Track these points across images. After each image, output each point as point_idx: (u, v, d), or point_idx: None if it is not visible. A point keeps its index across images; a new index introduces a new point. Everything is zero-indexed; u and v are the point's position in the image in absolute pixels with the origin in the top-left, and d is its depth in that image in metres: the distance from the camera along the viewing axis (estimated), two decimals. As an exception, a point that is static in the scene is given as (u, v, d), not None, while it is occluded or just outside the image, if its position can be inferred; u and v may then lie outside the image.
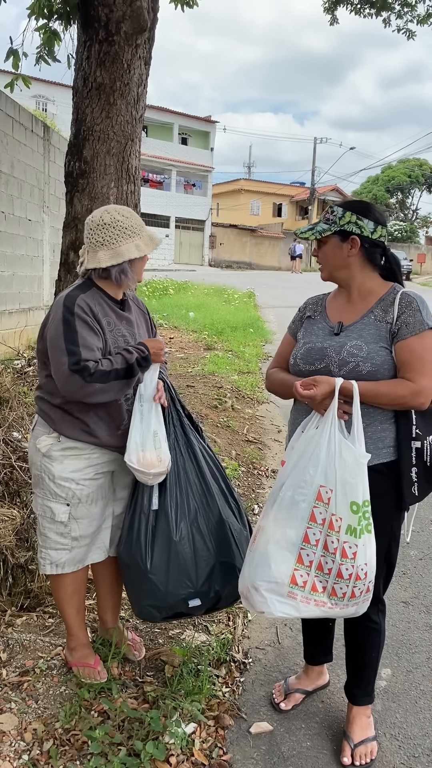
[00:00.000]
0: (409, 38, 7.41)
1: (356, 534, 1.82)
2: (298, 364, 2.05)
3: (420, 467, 1.96)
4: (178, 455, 2.29)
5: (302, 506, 1.85)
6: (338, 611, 1.90)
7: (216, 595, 2.26)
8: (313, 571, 1.86)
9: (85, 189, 3.81)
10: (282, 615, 1.88)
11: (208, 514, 2.26)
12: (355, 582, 1.85)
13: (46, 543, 2.27)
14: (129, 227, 2.14)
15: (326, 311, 2.12)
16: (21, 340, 7.02)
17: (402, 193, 53.50)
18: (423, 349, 1.88)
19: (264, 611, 1.89)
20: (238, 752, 2.15)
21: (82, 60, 3.78)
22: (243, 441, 5.39)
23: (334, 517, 1.82)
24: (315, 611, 1.88)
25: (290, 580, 1.85)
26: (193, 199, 37.52)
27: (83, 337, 2.05)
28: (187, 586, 2.20)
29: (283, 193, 45.44)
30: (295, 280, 15.11)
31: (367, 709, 2.23)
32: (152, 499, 2.23)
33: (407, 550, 3.71)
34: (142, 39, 3.74)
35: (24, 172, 7.21)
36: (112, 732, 2.11)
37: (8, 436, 3.40)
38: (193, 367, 7.61)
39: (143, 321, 2.38)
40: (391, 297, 1.98)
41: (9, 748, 2.04)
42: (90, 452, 2.21)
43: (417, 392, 1.85)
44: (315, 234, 2.00)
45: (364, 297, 2.02)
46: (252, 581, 1.90)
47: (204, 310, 12.92)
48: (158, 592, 2.19)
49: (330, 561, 1.84)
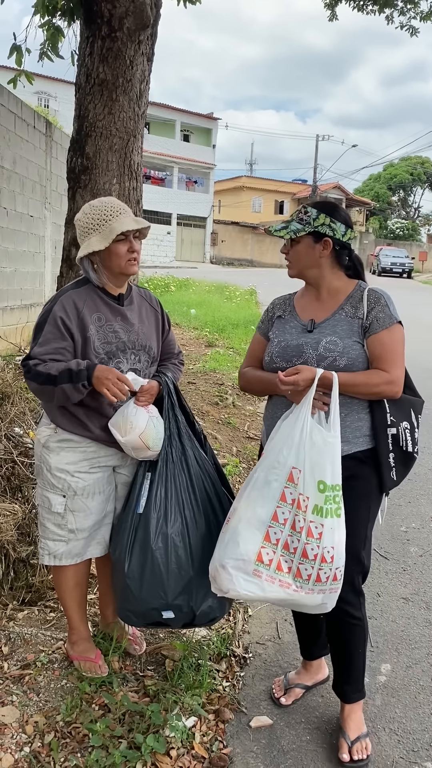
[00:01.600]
0: (412, 35, 7.37)
1: (323, 513, 1.87)
2: (275, 361, 2.11)
3: (396, 452, 2.05)
4: (169, 463, 2.23)
5: (274, 486, 1.90)
6: (303, 595, 1.91)
7: (190, 611, 2.16)
8: (279, 549, 1.89)
9: (88, 185, 3.82)
10: (246, 593, 1.90)
11: (193, 527, 2.18)
12: (321, 564, 1.87)
13: (45, 533, 2.29)
14: (87, 224, 2.14)
15: (296, 310, 2.19)
16: (22, 336, 7.03)
17: (404, 191, 53.44)
18: (393, 342, 1.99)
19: (229, 589, 1.91)
20: (239, 746, 2.17)
21: (85, 56, 3.78)
22: (244, 438, 5.40)
23: (302, 497, 1.87)
24: (279, 592, 1.90)
25: (256, 557, 1.89)
26: (195, 196, 37.48)
27: (45, 335, 2.10)
28: (160, 597, 2.12)
29: (284, 190, 45.36)
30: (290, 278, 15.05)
31: (360, 705, 2.23)
32: (140, 501, 2.20)
33: (407, 546, 3.72)
34: (144, 35, 3.74)
35: (26, 169, 7.21)
36: (112, 725, 2.12)
37: (10, 431, 3.41)
38: (194, 364, 7.62)
39: (153, 319, 2.36)
40: (358, 294, 2.08)
41: (10, 740, 2.05)
42: (86, 446, 2.22)
43: (391, 381, 1.96)
44: (289, 233, 2.06)
45: (333, 295, 2.11)
46: (220, 560, 1.94)
47: (205, 307, 12.93)
48: (132, 597, 2.15)
49: (296, 540, 1.88)
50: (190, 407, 2.45)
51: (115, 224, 2.10)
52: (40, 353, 2.09)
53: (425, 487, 4.67)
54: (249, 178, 46.59)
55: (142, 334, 2.27)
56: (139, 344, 2.25)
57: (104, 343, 2.16)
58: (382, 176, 52.31)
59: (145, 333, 2.29)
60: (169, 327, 2.46)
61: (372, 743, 2.18)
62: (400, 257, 34.09)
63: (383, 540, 3.77)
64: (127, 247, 2.14)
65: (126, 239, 2.13)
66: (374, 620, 2.95)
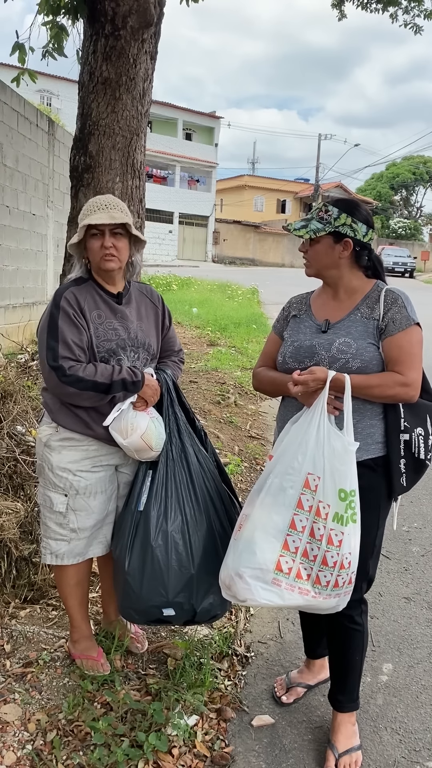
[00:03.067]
0: (416, 33, 7.35)
1: (343, 521, 1.84)
2: (287, 362, 2.07)
3: (408, 458, 2.00)
4: (169, 460, 2.24)
5: (290, 493, 1.86)
6: (321, 601, 1.89)
7: (191, 608, 2.16)
8: (298, 557, 1.86)
9: (90, 183, 3.82)
10: (265, 602, 1.87)
11: (193, 525, 2.18)
12: (339, 570, 1.86)
13: (47, 533, 2.29)
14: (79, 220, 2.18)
15: (311, 309, 2.14)
16: (25, 335, 7.03)
17: (406, 191, 53.33)
18: (410, 344, 1.93)
19: (247, 599, 1.88)
20: (240, 744, 2.17)
21: (88, 54, 3.78)
22: (246, 437, 5.40)
23: (321, 504, 1.84)
24: (298, 600, 1.88)
25: (275, 567, 1.85)
26: (197, 195, 37.46)
27: (62, 332, 2.08)
28: (161, 594, 2.12)
29: (287, 189, 45.34)
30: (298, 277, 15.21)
31: (352, 716, 2.18)
32: (140, 499, 2.20)
33: (409, 546, 3.72)
34: (148, 33, 3.74)
35: (29, 167, 7.21)
36: (115, 723, 2.12)
37: (12, 429, 3.41)
38: (196, 362, 7.62)
39: (152, 315, 2.35)
40: (375, 294, 2.01)
41: (13, 738, 2.06)
42: (88, 444, 2.22)
43: (406, 384, 1.90)
44: (309, 233, 2.00)
45: (350, 295, 2.05)
46: (236, 569, 1.89)
47: (207, 306, 12.93)
48: (133, 594, 2.14)
49: (316, 548, 1.85)
50: (192, 406, 2.44)
51: (87, 220, 2.11)
52: (69, 354, 2.07)
53: (427, 486, 4.67)
54: (251, 176, 46.54)
55: (141, 331, 2.26)
56: (139, 342, 2.24)
57: (104, 340, 2.16)
58: (384, 175, 52.23)
59: (144, 330, 2.28)
60: (170, 323, 2.45)
61: (362, 756, 2.13)
62: (403, 257, 34.05)
63: (385, 540, 3.73)
64: (100, 242, 2.12)
65: (100, 234, 2.12)
66: (376, 620, 2.95)
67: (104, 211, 2.12)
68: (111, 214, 2.11)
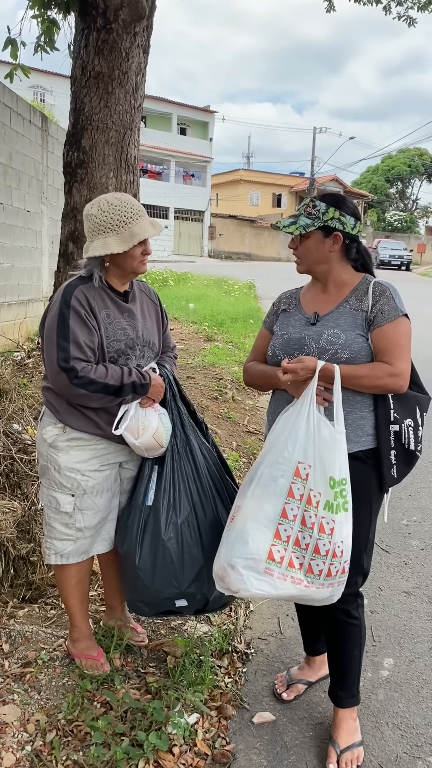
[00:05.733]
0: (410, 25, 7.33)
1: (333, 509, 1.85)
2: (277, 354, 2.08)
3: (398, 450, 2.01)
4: (174, 454, 2.26)
5: (280, 482, 1.87)
6: (314, 590, 1.89)
7: (203, 597, 2.21)
8: (290, 546, 1.87)
9: (84, 179, 3.79)
10: (258, 592, 1.88)
11: (201, 515, 2.21)
12: (332, 559, 1.86)
13: (51, 533, 2.27)
14: (101, 223, 2.08)
15: (301, 304, 2.16)
16: (20, 332, 7.00)
17: (402, 183, 53.34)
18: (398, 335, 1.95)
19: (240, 589, 1.88)
20: (241, 742, 2.16)
21: (80, 48, 3.75)
22: (243, 432, 5.39)
23: (312, 493, 1.85)
24: (291, 589, 1.88)
25: (267, 556, 1.85)
26: (192, 190, 37.36)
27: (74, 333, 2.04)
28: (173, 586, 2.16)
29: (282, 183, 45.24)
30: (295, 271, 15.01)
31: (354, 711, 2.18)
32: (148, 495, 2.21)
33: (408, 540, 3.71)
34: (140, 27, 3.71)
35: (22, 163, 7.17)
36: (114, 723, 2.11)
37: (8, 428, 3.39)
38: (193, 358, 7.60)
39: (153, 312, 2.35)
40: (364, 287, 2.04)
41: (12, 739, 2.04)
42: (95, 443, 2.20)
43: (395, 374, 1.91)
44: (299, 229, 2.01)
45: (339, 288, 2.08)
46: (228, 560, 1.90)
47: (204, 301, 12.89)
48: (144, 588, 2.17)
49: (308, 536, 1.86)
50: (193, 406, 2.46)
51: (135, 228, 2.08)
52: (81, 355, 2.04)
53: (426, 480, 4.66)
54: (246, 171, 46.49)
55: (146, 330, 2.25)
56: (145, 340, 2.23)
57: (114, 340, 2.14)
58: (380, 168, 52.18)
59: (149, 328, 2.28)
60: (167, 320, 2.45)
61: (364, 752, 2.12)
62: (399, 250, 34.03)
63: (384, 534, 3.76)
64: (142, 249, 2.13)
65: (143, 242, 2.12)
66: (376, 614, 2.94)
67: (144, 218, 2.12)
68: (152, 222, 2.15)
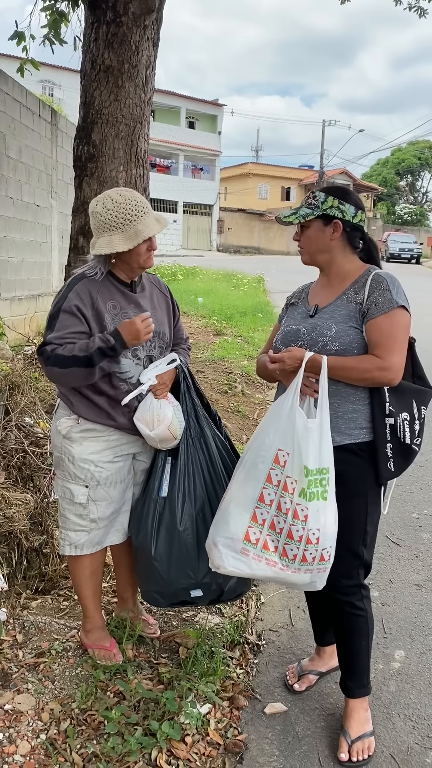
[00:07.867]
0: (420, 16, 7.25)
1: (307, 497, 1.88)
2: (277, 347, 2.12)
3: (394, 443, 1.99)
4: (189, 445, 2.28)
5: (260, 467, 1.93)
6: (289, 574, 1.94)
7: (218, 587, 2.23)
8: (265, 529, 1.93)
9: (94, 173, 3.79)
10: (234, 570, 1.95)
11: (216, 506, 2.20)
12: (305, 545, 1.89)
13: (66, 524, 2.29)
14: (106, 221, 2.08)
15: (308, 297, 2.19)
16: (31, 327, 7.03)
17: (412, 176, 52.98)
18: (392, 327, 1.93)
19: (220, 566, 1.97)
20: (253, 732, 2.17)
21: (90, 42, 3.74)
22: (253, 426, 5.39)
23: (289, 480, 1.89)
24: (266, 570, 1.94)
25: (244, 536, 1.93)
26: (201, 184, 37.27)
27: (60, 323, 2.09)
28: (189, 576, 2.19)
29: (291, 176, 45.02)
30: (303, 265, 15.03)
31: (364, 702, 2.19)
32: (162, 486, 2.23)
33: (419, 533, 3.71)
34: (150, 20, 3.70)
35: (32, 158, 7.18)
36: (128, 712, 2.13)
37: (21, 421, 3.41)
38: (202, 352, 7.60)
39: (164, 304, 2.36)
40: (364, 278, 2.03)
41: (27, 727, 2.07)
42: (108, 434, 2.22)
43: (384, 368, 1.90)
44: (299, 218, 2.04)
45: (342, 279, 2.08)
46: (213, 537, 2.00)
47: (213, 295, 12.89)
48: (160, 579, 2.20)
49: (282, 521, 1.91)
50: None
51: (140, 226, 2.08)
52: (56, 338, 2.07)
53: (437, 473, 4.65)
54: (255, 164, 46.24)
55: (155, 320, 2.25)
56: (154, 331, 2.23)
57: None
58: (389, 161, 51.83)
59: (159, 319, 2.29)
60: (178, 312, 2.46)
61: (375, 742, 2.13)
62: (408, 243, 33.81)
63: (395, 526, 3.76)
64: (147, 245, 2.13)
65: (148, 239, 2.13)
66: (387, 607, 2.94)
67: (149, 214, 2.12)
68: (156, 218, 2.14)
